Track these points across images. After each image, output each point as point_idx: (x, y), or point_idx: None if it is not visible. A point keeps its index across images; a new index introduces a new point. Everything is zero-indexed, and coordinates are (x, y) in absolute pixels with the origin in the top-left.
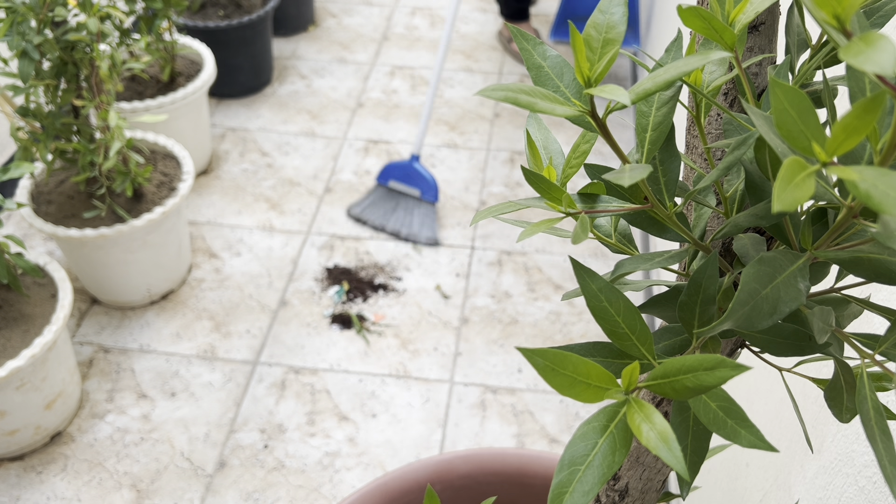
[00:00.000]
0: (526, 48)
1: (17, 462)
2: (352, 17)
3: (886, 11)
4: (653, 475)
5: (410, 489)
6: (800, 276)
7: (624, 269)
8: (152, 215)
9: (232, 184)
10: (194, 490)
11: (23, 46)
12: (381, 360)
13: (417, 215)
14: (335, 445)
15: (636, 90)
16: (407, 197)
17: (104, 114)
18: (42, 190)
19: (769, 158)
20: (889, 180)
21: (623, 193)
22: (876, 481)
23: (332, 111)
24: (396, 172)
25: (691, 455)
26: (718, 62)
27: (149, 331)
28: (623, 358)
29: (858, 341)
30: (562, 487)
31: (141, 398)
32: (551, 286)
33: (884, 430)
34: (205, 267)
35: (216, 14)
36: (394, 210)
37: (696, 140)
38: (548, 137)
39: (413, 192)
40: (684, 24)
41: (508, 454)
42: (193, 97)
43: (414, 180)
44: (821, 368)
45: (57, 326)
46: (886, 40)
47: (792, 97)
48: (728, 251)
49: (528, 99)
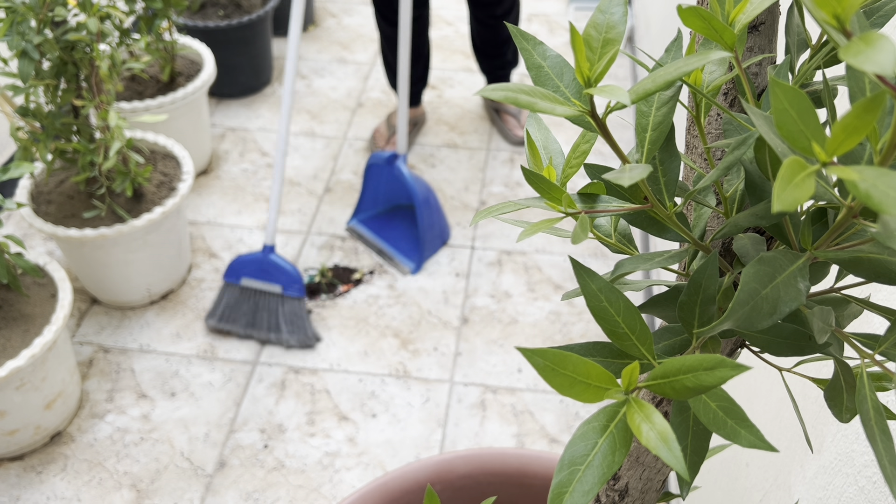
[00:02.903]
0: (526, 48)
1: (17, 462)
2: (352, 17)
3: (886, 11)
4: (653, 475)
5: (410, 489)
6: (800, 276)
7: (624, 269)
8: (152, 215)
9: (232, 184)
10: (194, 490)
11: (23, 46)
12: (381, 359)
13: (283, 315)
14: (335, 445)
15: (636, 90)
16: (266, 295)
17: (104, 114)
18: (42, 190)
19: (769, 158)
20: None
21: (623, 193)
22: (876, 481)
23: (332, 111)
24: (248, 268)
25: (691, 455)
26: (718, 62)
27: (149, 331)
28: (623, 358)
29: (858, 341)
30: (562, 487)
31: (141, 398)
32: (551, 286)
33: (884, 430)
34: (205, 267)
35: (216, 14)
36: (254, 312)
37: (696, 140)
38: (548, 137)
39: (273, 288)
40: (684, 24)
41: (508, 454)
42: (193, 97)
43: (271, 274)
44: (821, 368)
45: (57, 326)
46: (886, 40)
47: (792, 97)
48: (728, 251)
49: (528, 99)
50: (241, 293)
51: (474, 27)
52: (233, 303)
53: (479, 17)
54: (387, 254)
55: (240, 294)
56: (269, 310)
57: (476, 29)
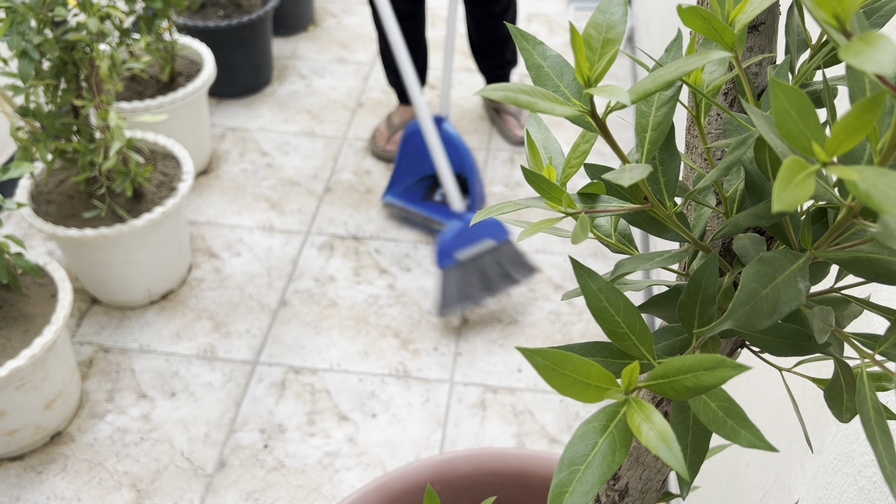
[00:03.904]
0: (526, 48)
1: (16, 462)
2: (352, 17)
3: (886, 11)
4: (653, 475)
5: (410, 489)
6: (800, 276)
7: (624, 269)
8: (152, 215)
9: (232, 184)
10: (194, 490)
11: (23, 46)
12: (381, 360)
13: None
14: (335, 445)
15: (636, 90)
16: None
17: (104, 114)
18: (42, 190)
19: (769, 158)
20: (889, 180)
21: (623, 193)
22: (876, 481)
23: (332, 111)
24: (457, 242)
25: (691, 455)
26: (718, 62)
27: (149, 331)
28: (623, 358)
29: (858, 341)
30: (562, 487)
31: (141, 398)
32: (551, 286)
33: (884, 429)
34: (205, 267)
35: (216, 14)
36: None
37: (696, 140)
38: (548, 137)
39: (487, 244)
40: (684, 23)
41: (508, 454)
42: (193, 97)
43: (478, 234)
44: (821, 368)
45: (57, 326)
46: (886, 40)
47: (792, 97)
48: (728, 251)
49: (528, 99)
50: (460, 269)
51: (471, 26)
52: (461, 282)
53: (475, 15)
54: (433, 220)
55: (460, 270)
56: (494, 265)
57: (473, 28)
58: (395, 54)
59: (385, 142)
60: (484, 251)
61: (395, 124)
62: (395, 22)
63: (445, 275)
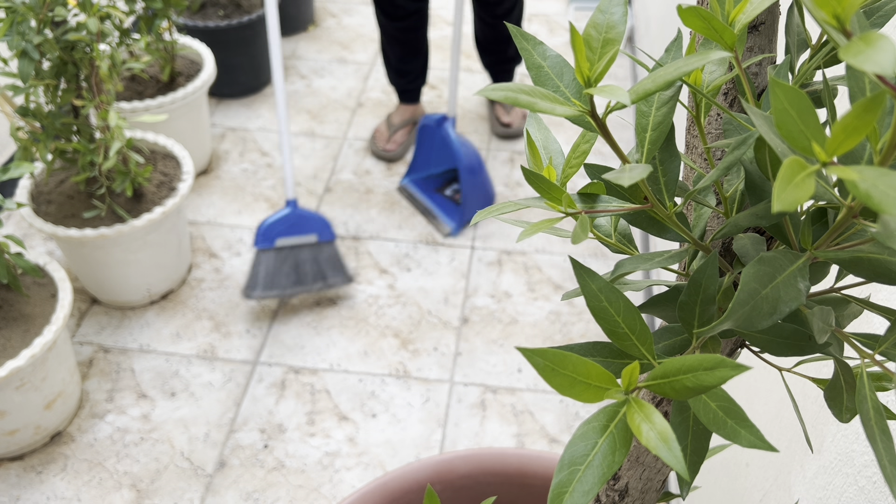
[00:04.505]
0: (526, 48)
1: (16, 462)
2: (352, 17)
3: (886, 11)
4: (653, 475)
5: (410, 489)
6: (800, 276)
7: (624, 269)
8: (152, 215)
9: (232, 184)
10: (194, 490)
11: (23, 46)
12: (381, 360)
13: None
14: (335, 445)
15: (636, 90)
16: (304, 248)
17: (104, 114)
18: (42, 190)
19: (769, 158)
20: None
21: (623, 193)
22: (876, 481)
23: (332, 111)
24: (279, 227)
25: (691, 455)
26: (718, 62)
27: (149, 331)
28: (623, 358)
29: (858, 341)
30: (562, 487)
31: (141, 398)
32: (551, 286)
33: (884, 429)
34: (205, 267)
35: (216, 14)
36: (296, 268)
37: (696, 140)
38: (548, 137)
39: (309, 239)
40: (684, 23)
41: (508, 454)
42: (193, 97)
43: (304, 226)
44: (821, 368)
45: (57, 326)
46: (886, 40)
47: (792, 97)
48: (728, 251)
49: (528, 99)
50: (276, 255)
51: (477, 25)
52: (272, 267)
53: (481, 15)
54: (431, 212)
55: (276, 256)
56: (310, 261)
57: (479, 27)
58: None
59: (385, 142)
60: (304, 244)
61: (395, 124)
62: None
63: (258, 256)
